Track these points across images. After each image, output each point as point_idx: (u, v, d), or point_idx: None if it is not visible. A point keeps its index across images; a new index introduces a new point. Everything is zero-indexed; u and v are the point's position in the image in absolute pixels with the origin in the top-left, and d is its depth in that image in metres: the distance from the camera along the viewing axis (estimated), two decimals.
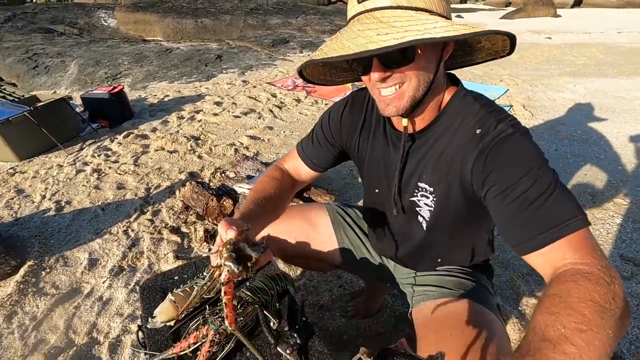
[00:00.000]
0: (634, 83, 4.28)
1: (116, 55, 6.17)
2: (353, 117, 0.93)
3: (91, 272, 1.72)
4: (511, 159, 0.64)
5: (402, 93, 0.68)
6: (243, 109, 3.71)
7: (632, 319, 1.40)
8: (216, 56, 6.00)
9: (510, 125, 0.67)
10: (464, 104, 0.74)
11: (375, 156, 0.91)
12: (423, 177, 0.81)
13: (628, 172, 2.41)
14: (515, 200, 0.61)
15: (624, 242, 1.80)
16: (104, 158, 2.82)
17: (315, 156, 1.01)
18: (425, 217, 0.86)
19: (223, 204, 1.98)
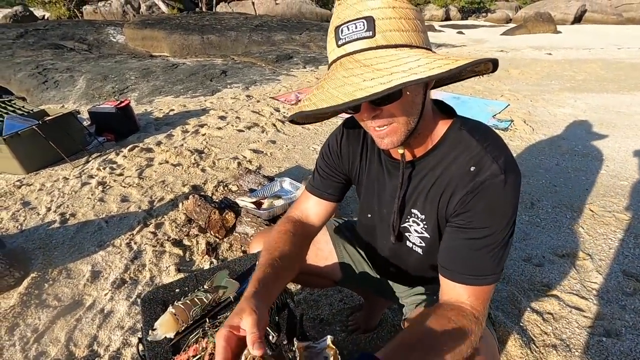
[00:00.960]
0: (635, 98, 4.31)
1: (124, 71, 6.30)
2: (351, 146, 0.93)
3: (93, 285, 1.73)
4: (488, 207, 0.69)
5: (394, 128, 0.69)
6: (247, 123, 3.76)
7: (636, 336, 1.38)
8: (221, 71, 6.12)
9: (503, 168, 0.68)
10: (459, 137, 0.75)
11: (370, 182, 0.93)
12: (417, 205, 0.83)
13: (630, 187, 2.41)
14: (467, 240, 0.72)
15: (626, 258, 1.79)
16: (109, 171, 2.86)
17: (328, 187, 0.98)
18: (416, 242, 0.88)
19: (225, 217, 2.00)
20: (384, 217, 0.92)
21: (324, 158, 0.98)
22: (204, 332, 0.90)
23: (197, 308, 0.96)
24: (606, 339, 1.38)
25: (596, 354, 1.33)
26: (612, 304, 1.54)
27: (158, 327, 0.92)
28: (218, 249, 1.93)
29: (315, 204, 0.98)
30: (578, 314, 1.49)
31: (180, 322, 0.93)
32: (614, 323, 1.44)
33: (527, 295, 1.59)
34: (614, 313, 1.49)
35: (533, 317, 1.48)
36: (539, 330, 1.43)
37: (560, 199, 2.31)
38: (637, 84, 4.95)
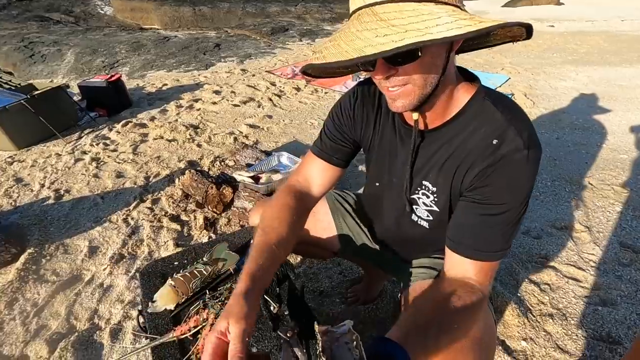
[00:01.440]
0: (637, 71, 4.24)
1: (113, 44, 6.09)
2: (366, 108, 0.88)
3: (91, 260, 1.72)
4: (508, 183, 0.67)
5: (408, 90, 0.64)
6: (242, 97, 3.67)
7: (631, 305, 1.41)
8: (214, 45, 5.93)
9: (527, 142, 0.65)
10: (482, 108, 0.71)
11: (382, 149, 0.88)
12: (429, 176, 0.79)
13: (629, 161, 2.40)
14: (482, 215, 0.69)
15: (623, 230, 1.80)
16: (103, 147, 2.80)
17: (336, 151, 0.92)
18: (422, 216, 0.86)
19: (223, 192, 1.97)
20: (393, 186, 0.88)
21: (334, 120, 0.92)
22: (204, 303, 0.89)
23: (197, 280, 0.95)
24: (602, 307, 1.40)
25: (592, 322, 1.35)
26: (608, 274, 1.55)
27: (158, 299, 0.91)
28: (216, 224, 1.91)
29: (320, 169, 0.93)
30: (575, 284, 1.51)
31: (180, 294, 0.92)
32: (609, 293, 1.46)
33: (525, 267, 1.60)
34: (610, 283, 1.51)
35: (530, 287, 1.50)
36: (536, 300, 1.45)
37: (559, 173, 2.30)
38: (639, 56, 4.86)
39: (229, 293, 0.87)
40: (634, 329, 1.31)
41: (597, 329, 1.33)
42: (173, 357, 0.81)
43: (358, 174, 2.32)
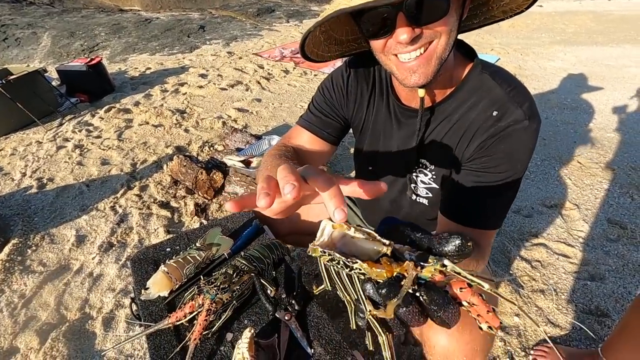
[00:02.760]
0: (623, 51, 4.27)
1: (92, 26, 5.83)
2: (360, 85, 0.83)
3: (79, 249, 1.68)
4: (508, 153, 0.66)
5: (429, 56, 0.58)
6: (229, 81, 3.58)
7: (618, 279, 1.44)
8: (199, 26, 5.73)
9: (528, 113, 0.64)
10: (480, 81, 0.69)
11: (376, 131, 0.85)
12: (426, 154, 0.78)
13: (616, 140, 2.43)
14: (481, 184, 0.68)
15: (611, 207, 1.83)
16: (86, 133, 2.70)
17: (328, 126, 0.86)
18: (421, 194, 0.84)
19: (213, 177, 1.93)
20: (387, 170, 0.86)
21: (324, 93, 0.86)
22: (199, 289, 0.87)
23: (191, 266, 0.93)
24: (591, 282, 1.44)
25: (581, 296, 1.38)
26: (596, 250, 1.59)
27: (151, 286, 0.89)
28: (207, 210, 1.88)
29: (309, 142, 0.86)
30: (565, 261, 1.54)
31: (174, 280, 0.90)
32: (598, 268, 1.50)
33: (516, 245, 1.62)
34: (598, 258, 1.54)
35: (522, 265, 1.52)
36: (528, 277, 1.47)
37: (549, 152, 2.32)
38: (626, 36, 4.89)
39: (224, 278, 0.85)
40: (622, 302, 1.35)
41: (586, 303, 1.36)
42: (169, 344, 0.79)
43: (350, 157, 2.30)
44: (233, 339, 0.80)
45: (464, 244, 0.37)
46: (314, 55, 0.75)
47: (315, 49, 0.74)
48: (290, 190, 0.33)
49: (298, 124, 0.90)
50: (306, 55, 0.73)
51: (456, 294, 0.40)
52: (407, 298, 0.37)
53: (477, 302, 0.39)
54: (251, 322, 0.83)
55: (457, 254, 0.37)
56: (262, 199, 0.34)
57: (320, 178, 0.36)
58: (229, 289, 0.84)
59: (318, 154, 0.87)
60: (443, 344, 0.68)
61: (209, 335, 0.80)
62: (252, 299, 0.88)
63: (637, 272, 1.47)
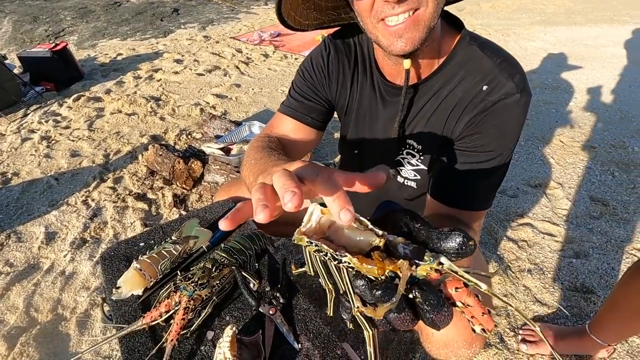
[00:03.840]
0: (601, 30, 4.32)
1: (57, 10, 5.48)
2: (342, 63, 0.77)
3: (49, 247, 1.58)
4: (499, 129, 0.63)
5: (417, 19, 0.55)
6: (206, 66, 3.43)
7: (602, 255, 1.46)
8: (172, 9, 5.47)
9: (519, 86, 0.60)
10: (469, 54, 0.65)
11: (361, 111, 0.79)
12: (413, 134, 0.73)
13: (596, 118, 2.46)
14: (469, 164, 0.65)
15: (593, 184, 1.85)
16: (53, 124, 2.54)
17: (312, 110, 0.80)
18: (409, 177, 0.80)
19: (191, 166, 1.84)
20: (374, 153, 0.81)
21: (305, 76, 0.80)
22: (175, 285, 0.81)
23: (166, 261, 0.86)
24: (575, 260, 1.45)
25: (567, 274, 1.39)
26: (580, 227, 1.60)
27: (122, 285, 0.82)
28: (187, 201, 1.80)
29: (293, 130, 0.80)
30: (550, 239, 1.54)
31: (148, 277, 0.83)
32: (582, 245, 1.51)
33: (503, 226, 1.62)
34: (582, 236, 1.55)
35: (509, 245, 1.52)
36: (515, 257, 1.47)
37: (532, 132, 2.32)
38: (603, 16, 4.95)
39: (202, 273, 0.79)
40: (606, 278, 1.36)
41: (572, 280, 1.37)
42: (144, 346, 0.73)
43: (335, 141, 2.24)
44: (214, 337, 0.74)
45: (466, 243, 0.33)
46: (290, 19, 0.69)
47: (293, 12, 0.68)
48: (290, 198, 0.29)
49: (280, 111, 0.83)
50: (283, 18, 0.67)
51: (450, 294, 0.35)
52: (401, 304, 0.33)
53: (472, 303, 0.35)
54: (233, 318, 0.78)
55: (457, 252, 0.33)
56: (261, 212, 0.30)
57: (319, 178, 0.33)
58: (208, 284, 0.79)
59: (304, 142, 0.82)
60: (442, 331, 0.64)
61: (188, 335, 0.74)
62: (234, 294, 0.83)
63: (619, 248, 1.49)
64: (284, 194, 0.29)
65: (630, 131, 2.30)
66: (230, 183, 1.18)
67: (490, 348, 1.16)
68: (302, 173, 0.34)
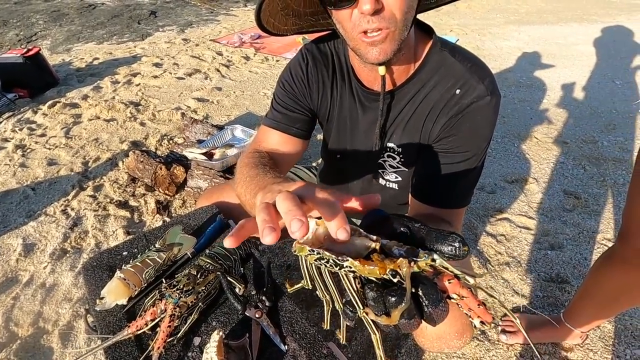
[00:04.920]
0: (572, 29, 4.49)
1: (28, 14, 5.30)
2: (320, 72, 0.79)
3: (28, 259, 1.54)
4: (473, 130, 0.67)
5: (390, 33, 0.57)
6: (187, 69, 3.39)
7: (575, 246, 1.53)
8: (150, 12, 5.37)
9: (489, 89, 0.65)
10: (441, 60, 0.68)
11: (342, 118, 0.82)
12: (393, 137, 0.76)
13: (568, 115, 2.56)
14: (449, 164, 0.69)
15: (566, 179, 1.93)
16: (28, 132, 2.47)
17: (296, 121, 0.81)
18: (391, 179, 0.83)
19: (174, 172, 1.82)
20: (356, 157, 0.84)
21: (285, 88, 0.82)
22: (161, 293, 0.81)
23: (150, 269, 0.86)
24: (551, 251, 1.51)
25: (543, 266, 1.45)
26: (555, 220, 1.67)
27: (106, 295, 0.82)
28: (170, 207, 1.78)
29: (279, 142, 0.81)
30: (527, 233, 1.61)
31: (132, 286, 0.83)
32: (557, 237, 1.58)
33: (482, 221, 1.67)
34: (557, 228, 1.62)
35: (488, 239, 1.57)
36: (494, 251, 1.52)
37: (508, 129, 2.40)
38: (573, 15, 5.14)
39: (187, 279, 0.79)
40: (579, 268, 1.43)
41: (547, 271, 1.43)
42: (130, 356, 0.73)
43: (318, 144, 2.26)
44: (201, 343, 0.75)
45: (461, 248, 0.36)
46: (269, 25, 0.71)
47: (272, 18, 0.70)
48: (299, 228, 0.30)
49: (264, 124, 0.84)
50: (262, 24, 0.68)
51: (445, 286, 0.38)
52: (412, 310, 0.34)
53: (466, 294, 0.37)
54: (220, 323, 0.79)
55: (452, 255, 0.35)
56: (268, 235, 0.31)
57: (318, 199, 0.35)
58: (193, 290, 0.79)
59: (292, 153, 0.83)
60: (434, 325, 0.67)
61: (175, 342, 0.74)
62: (220, 299, 0.84)
63: (591, 239, 1.56)
64: (292, 221, 0.31)
65: (599, 126, 2.41)
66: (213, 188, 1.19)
67: (472, 339, 1.20)
68: (302, 193, 0.36)
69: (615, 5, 5.72)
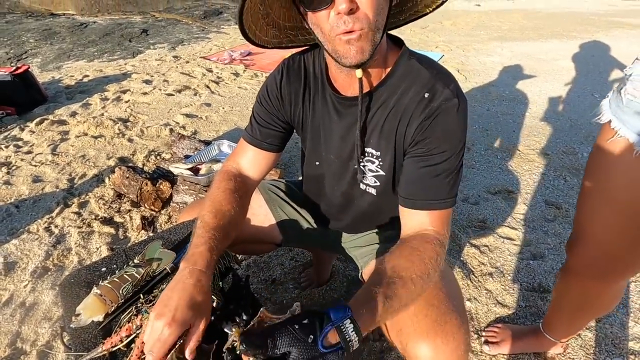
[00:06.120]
0: (552, 46, 4.65)
1: (19, 32, 5.34)
2: (293, 85, 0.84)
3: (8, 278, 1.51)
4: (445, 131, 0.70)
5: (365, 34, 0.62)
6: (176, 86, 3.43)
7: (557, 255, 1.55)
8: (141, 30, 5.45)
9: (455, 93, 0.69)
10: (409, 67, 0.73)
11: (315, 126, 0.85)
12: (370, 142, 0.79)
13: (549, 127, 2.63)
14: (427, 167, 0.71)
15: (547, 189, 1.97)
16: (14, 149, 2.45)
17: (268, 136, 0.87)
18: (370, 183, 0.84)
19: (160, 187, 1.83)
20: (332, 163, 0.86)
21: (262, 103, 0.87)
22: (137, 309, 0.81)
23: (128, 285, 0.85)
24: (533, 261, 1.53)
25: (525, 275, 1.47)
26: (536, 230, 1.70)
27: (82, 312, 0.81)
28: (155, 222, 1.78)
29: (254, 155, 0.89)
30: (509, 243, 1.63)
31: (109, 302, 0.82)
32: (538, 247, 1.60)
33: (465, 232, 1.69)
34: (538, 238, 1.65)
35: (472, 250, 1.59)
36: (477, 262, 1.54)
37: (491, 142, 2.46)
38: (553, 32, 5.33)
39: None
40: None
41: (529, 281, 1.45)
42: None
43: None
44: None
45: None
46: (251, 33, 0.74)
47: (254, 25, 0.73)
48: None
49: (243, 138, 0.91)
50: (244, 30, 0.72)
51: None
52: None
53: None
54: None
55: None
56: None
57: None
58: None
59: (264, 163, 0.90)
60: (426, 355, 0.66)
61: None
62: None
63: None
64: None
65: (579, 138, 2.47)
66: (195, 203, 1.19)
67: None
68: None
69: (593, 22, 5.96)
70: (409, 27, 5.43)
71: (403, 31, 5.31)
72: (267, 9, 0.72)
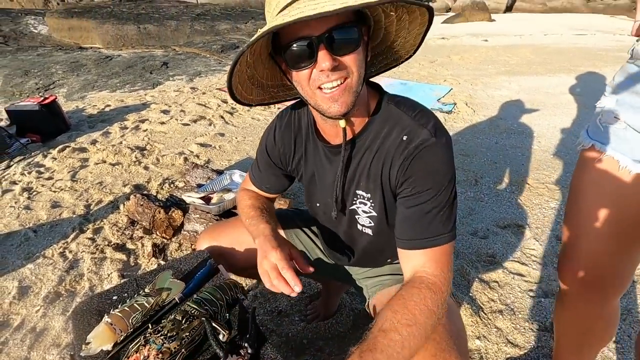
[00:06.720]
0: (560, 80, 4.71)
1: (48, 64, 5.69)
2: (285, 138, 0.92)
3: (21, 302, 1.55)
4: (427, 170, 0.72)
5: (347, 86, 0.67)
6: (192, 116, 3.57)
7: None
8: (162, 63, 5.75)
9: (432, 132, 0.72)
10: (389, 112, 0.77)
11: (309, 173, 0.92)
12: (360, 185, 0.82)
13: (558, 160, 2.63)
14: (414, 207, 0.73)
15: (558, 224, 1.95)
16: (36, 175, 2.57)
17: (266, 181, 1.00)
18: (365, 224, 0.88)
19: (172, 215, 1.88)
20: (329, 206, 0.90)
21: (263, 156, 0.97)
22: (145, 339, 0.82)
23: (138, 314, 0.88)
24: (544, 299, 1.50)
25: (537, 313, 1.43)
26: (547, 266, 1.67)
27: (92, 340, 0.83)
28: (166, 250, 1.81)
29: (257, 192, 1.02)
30: (520, 279, 1.60)
31: (118, 331, 0.84)
32: (550, 284, 1.57)
33: (474, 267, 1.67)
34: (550, 275, 1.62)
35: (480, 286, 1.57)
36: (487, 298, 1.51)
37: (500, 175, 2.46)
38: (561, 66, 5.42)
39: (172, 325, 0.81)
40: None
41: (541, 320, 1.41)
42: None
43: None
44: None
45: None
46: (238, 92, 0.78)
47: (240, 86, 0.77)
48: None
49: (248, 174, 1.04)
50: (232, 90, 0.75)
51: None
52: None
53: None
54: None
55: None
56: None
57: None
58: (177, 336, 0.80)
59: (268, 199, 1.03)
60: None
61: None
62: (204, 345, 0.84)
63: None
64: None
65: None
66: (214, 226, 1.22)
67: None
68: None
69: (601, 57, 6.04)
70: (417, 61, 5.59)
71: (412, 65, 5.47)
72: (253, 70, 0.77)
